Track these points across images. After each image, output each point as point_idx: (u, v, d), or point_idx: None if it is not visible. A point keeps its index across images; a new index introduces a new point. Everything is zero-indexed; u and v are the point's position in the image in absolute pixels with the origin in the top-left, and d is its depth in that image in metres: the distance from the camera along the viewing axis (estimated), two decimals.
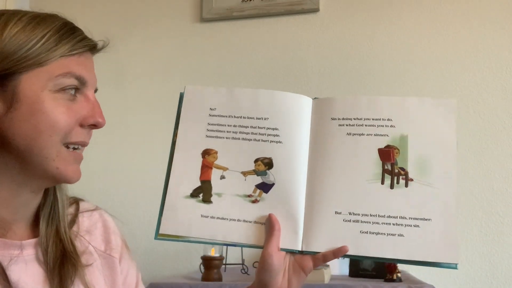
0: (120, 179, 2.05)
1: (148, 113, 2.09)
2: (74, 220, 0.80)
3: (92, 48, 0.73)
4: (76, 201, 0.83)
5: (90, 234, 0.81)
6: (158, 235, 0.82)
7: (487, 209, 1.76)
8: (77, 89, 0.70)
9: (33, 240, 0.73)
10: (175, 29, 2.13)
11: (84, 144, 0.72)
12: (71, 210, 0.81)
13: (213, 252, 1.52)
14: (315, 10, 1.99)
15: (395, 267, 1.42)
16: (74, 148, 0.70)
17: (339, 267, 1.63)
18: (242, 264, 1.64)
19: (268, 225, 0.80)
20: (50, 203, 0.76)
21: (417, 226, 0.78)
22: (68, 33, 0.69)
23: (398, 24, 1.93)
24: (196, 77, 2.08)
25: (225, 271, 1.63)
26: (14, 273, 0.68)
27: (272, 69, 2.01)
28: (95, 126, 0.72)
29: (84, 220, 0.82)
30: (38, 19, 0.68)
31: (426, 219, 0.79)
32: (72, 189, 0.81)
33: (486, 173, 1.78)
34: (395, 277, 1.42)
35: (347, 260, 1.61)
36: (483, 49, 1.85)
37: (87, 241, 0.80)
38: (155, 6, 2.16)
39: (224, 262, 1.56)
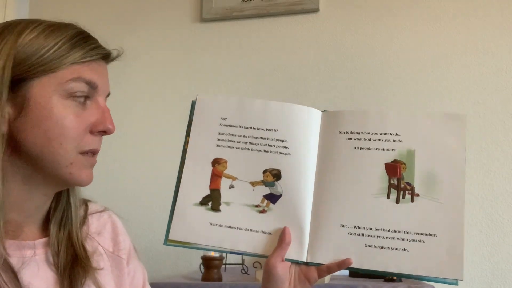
0: (120, 180, 2.05)
1: (148, 113, 2.09)
2: (83, 221, 0.80)
3: (106, 56, 0.74)
4: (85, 203, 0.83)
5: (99, 235, 0.82)
6: (168, 241, 0.84)
7: (487, 209, 1.76)
8: (87, 97, 0.70)
9: (43, 240, 0.73)
10: (175, 29, 2.13)
11: (95, 152, 0.72)
12: (81, 211, 0.81)
13: (213, 252, 1.52)
14: (315, 10, 1.99)
15: None
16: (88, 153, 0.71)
17: None
18: (242, 264, 1.64)
19: (280, 237, 0.82)
20: (62, 207, 0.77)
21: (422, 241, 0.79)
22: (81, 41, 0.70)
23: (398, 24, 1.93)
24: (196, 77, 2.08)
25: (225, 271, 1.63)
26: (26, 276, 0.68)
27: (272, 69, 2.01)
28: (104, 132, 0.72)
29: (93, 222, 0.82)
30: (53, 28, 0.69)
31: (431, 235, 0.79)
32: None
33: (486, 173, 1.78)
34: (395, 277, 1.42)
35: None
36: (483, 49, 1.85)
37: (96, 242, 0.80)
38: (155, 6, 2.16)
39: (224, 262, 1.56)
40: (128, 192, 2.02)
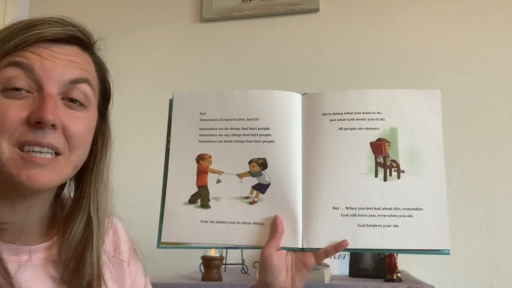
0: (119, 179, 2.04)
1: (148, 113, 2.09)
2: None
3: (62, 39, 0.67)
4: None
5: (102, 244, 0.78)
6: (161, 244, 0.83)
7: (487, 209, 1.76)
8: (29, 86, 0.64)
9: (44, 245, 0.71)
10: (175, 29, 2.13)
11: (38, 144, 0.63)
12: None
13: (213, 252, 1.52)
14: (315, 10, 1.99)
15: (395, 267, 1.42)
16: (32, 151, 0.64)
17: (339, 267, 1.63)
18: (242, 264, 1.64)
19: (272, 226, 0.80)
20: (83, 221, 0.73)
21: (411, 216, 0.80)
22: (21, 30, 0.64)
23: (398, 24, 1.93)
24: (196, 77, 2.08)
25: (225, 271, 1.63)
26: (24, 280, 0.66)
27: (272, 69, 2.01)
28: (39, 123, 0.63)
29: None
30: (11, 25, 0.65)
31: (418, 209, 0.80)
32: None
33: (486, 173, 1.78)
34: (395, 277, 1.42)
35: (347, 260, 1.61)
36: (483, 49, 1.85)
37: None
38: (155, 6, 2.16)
39: (224, 262, 1.56)
40: (128, 192, 2.02)
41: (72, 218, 0.73)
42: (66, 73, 0.66)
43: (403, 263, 1.66)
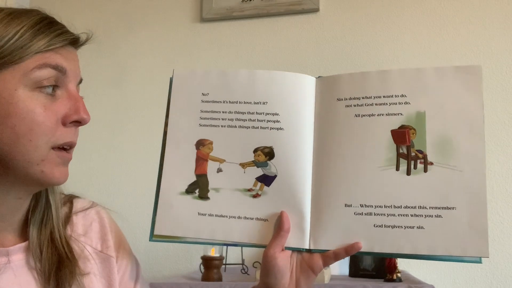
0: (120, 178, 2.05)
1: (149, 113, 2.09)
2: (67, 220, 0.75)
3: (73, 41, 0.68)
4: (70, 200, 0.78)
5: (85, 235, 0.76)
6: (153, 237, 0.76)
7: (487, 209, 1.76)
8: (56, 86, 0.65)
9: (21, 245, 0.69)
10: (175, 29, 2.13)
11: (71, 145, 0.67)
12: (65, 209, 0.76)
13: (213, 252, 1.52)
14: (315, 10, 1.99)
15: (395, 267, 1.42)
16: (63, 149, 0.66)
17: (339, 267, 1.63)
18: (242, 264, 1.64)
19: (277, 224, 0.73)
20: (42, 207, 0.72)
21: (439, 216, 0.69)
22: (44, 28, 0.64)
23: (398, 24, 1.94)
24: None
25: (225, 271, 1.63)
26: (1, 284, 0.64)
27: (271, 69, 2.00)
28: (79, 123, 0.66)
29: (79, 221, 0.77)
30: (13, 15, 0.63)
31: (449, 208, 0.69)
32: (71, 189, 0.78)
33: (486, 173, 1.77)
34: (395, 277, 1.42)
35: (347, 260, 1.61)
36: (483, 49, 1.85)
37: (82, 244, 0.75)
38: (155, 6, 2.16)
39: (224, 262, 1.56)
40: (128, 192, 2.02)
41: (36, 206, 0.72)
42: (79, 75, 0.70)
43: (403, 263, 1.66)
